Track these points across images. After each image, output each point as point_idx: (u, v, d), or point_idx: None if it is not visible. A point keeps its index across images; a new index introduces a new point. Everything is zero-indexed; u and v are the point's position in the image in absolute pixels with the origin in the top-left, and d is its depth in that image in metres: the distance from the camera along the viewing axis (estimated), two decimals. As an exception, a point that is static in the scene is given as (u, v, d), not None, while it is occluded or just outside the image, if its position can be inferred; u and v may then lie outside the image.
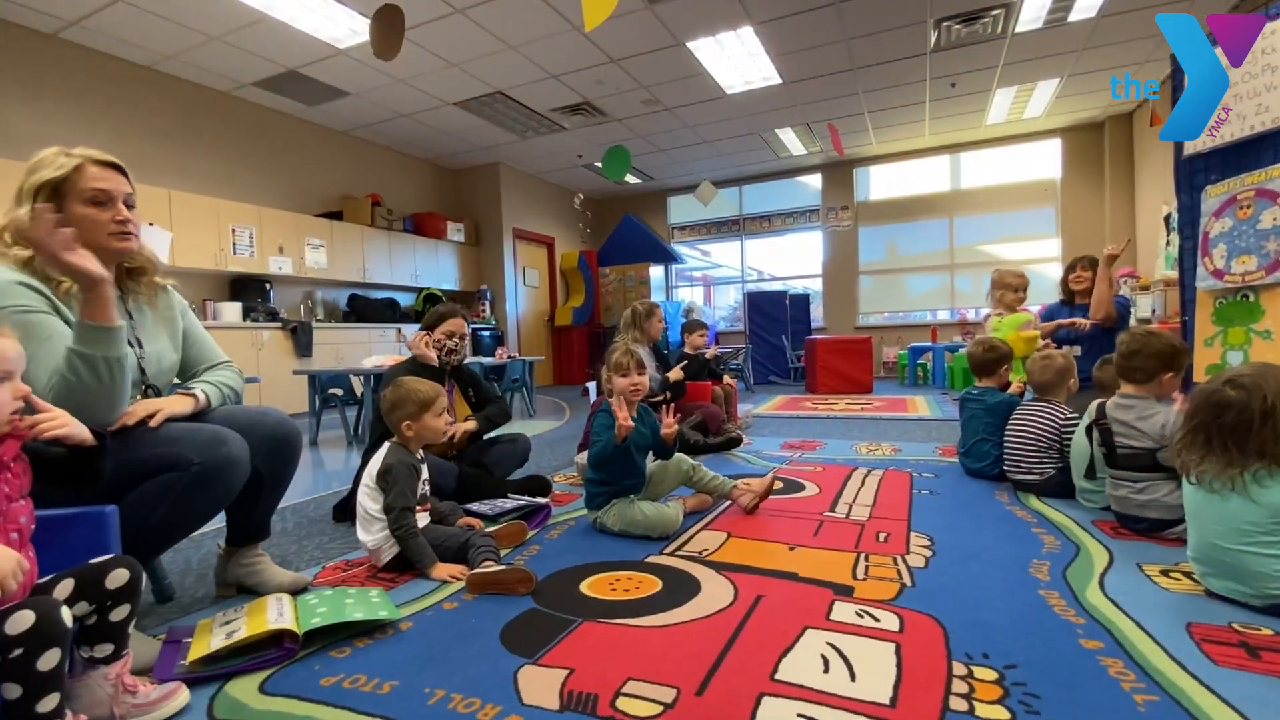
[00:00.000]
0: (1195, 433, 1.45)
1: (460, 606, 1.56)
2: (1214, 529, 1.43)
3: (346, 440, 4.46)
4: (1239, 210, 2.87)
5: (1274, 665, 1.17)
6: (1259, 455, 1.35)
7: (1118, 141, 7.63)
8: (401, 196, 7.81)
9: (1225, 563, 1.42)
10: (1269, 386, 1.36)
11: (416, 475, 1.87)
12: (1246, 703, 1.06)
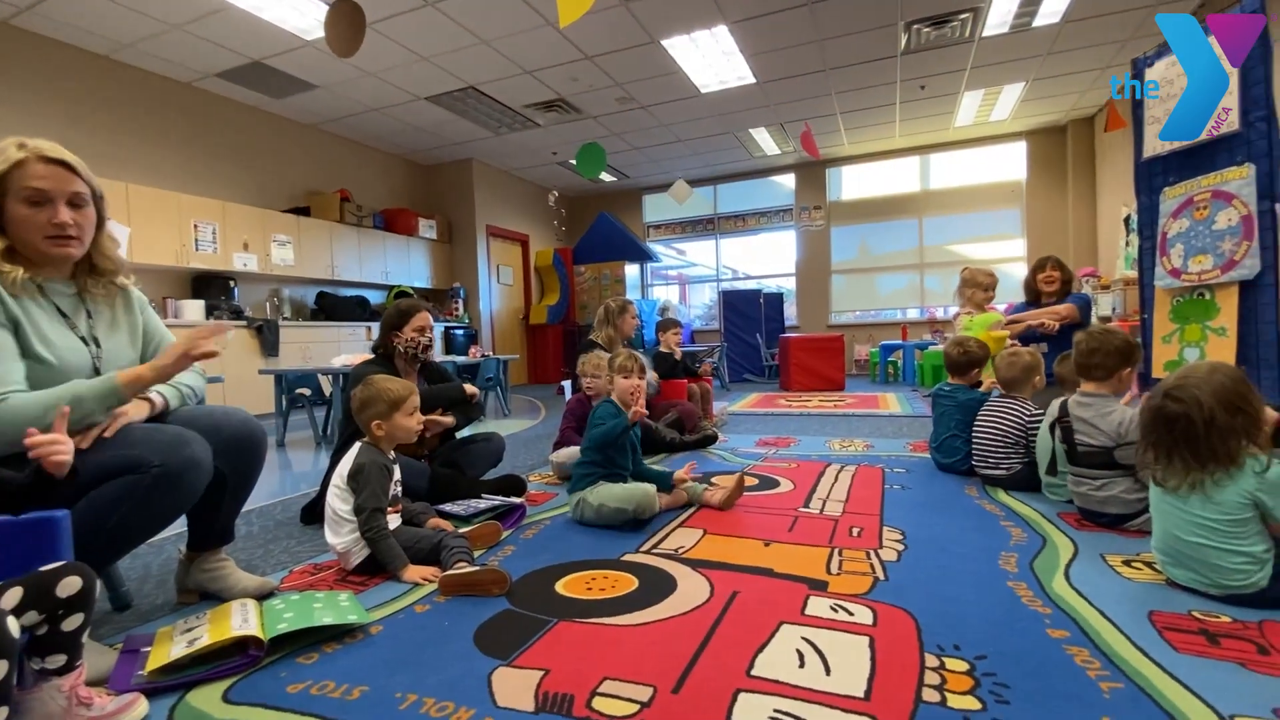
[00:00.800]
0: (1154, 448, 1.50)
1: (433, 609, 1.53)
2: (1177, 525, 1.48)
3: (315, 441, 4.36)
4: (1195, 211, 2.97)
5: (1232, 652, 1.21)
6: (1213, 458, 1.40)
7: (1080, 145, 7.86)
8: (371, 192, 7.67)
9: (1187, 555, 1.47)
10: (1203, 395, 1.40)
11: (389, 476, 1.83)
12: (1207, 688, 1.09)
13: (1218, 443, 1.39)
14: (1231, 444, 1.39)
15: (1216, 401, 1.39)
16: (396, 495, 1.89)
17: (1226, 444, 1.39)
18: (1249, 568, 1.37)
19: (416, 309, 2.50)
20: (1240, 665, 1.16)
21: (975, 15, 5.04)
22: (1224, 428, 1.39)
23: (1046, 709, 1.05)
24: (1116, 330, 2.11)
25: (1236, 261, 2.79)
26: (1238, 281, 2.81)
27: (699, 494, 2.38)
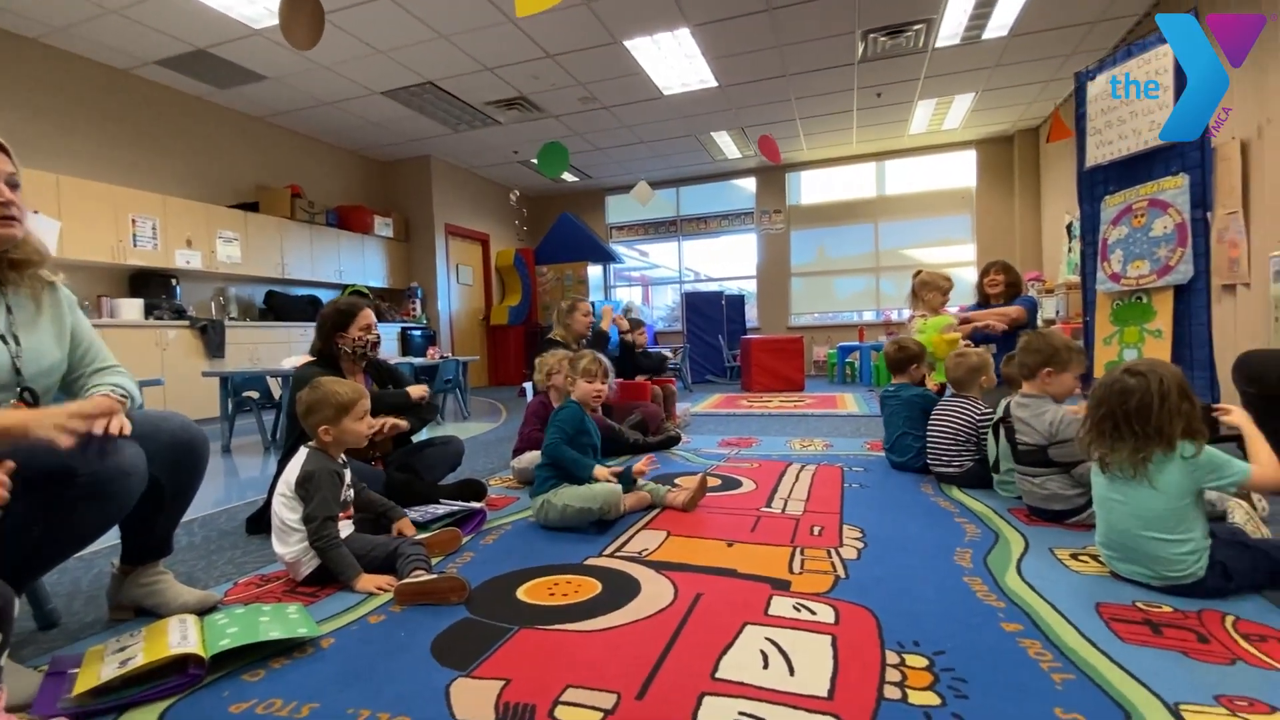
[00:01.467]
0: (1103, 421, 1.54)
1: (388, 619, 1.48)
2: (1121, 518, 1.53)
3: (263, 446, 4.18)
4: (1134, 219, 3.11)
5: (1175, 641, 1.26)
6: (1159, 436, 1.45)
7: (1026, 154, 8.18)
8: (324, 188, 7.43)
9: (1131, 548, 1.52)
10: (1162, 372, 1.47)
11: (340, 482, 1.76)
12: (1151, 676, 1.13)
13: (1164, 420, 1.44)
14: (1176, 425, 1.44)
15: (1172, 385, 1.46)
16: (348, 500, 1.82)
17: (1172, 424, 1.44)
18: (1188, 558, 1.43)
19: (358, 306, 2.41)
20: (1183, 654, 1.21)
21: (929, 26, 5.19)
22: (1173, 408, 1.44)
23: (1002, 701, 1.08)
24: (1049, 333, 2.19)
25: (1172, 267, 2.93)
26: (1173, 286, 2.96)
27: (662, 496, 2.37)
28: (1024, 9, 4.91)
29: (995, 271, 3.58)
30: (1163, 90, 2.94)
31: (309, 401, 1.78)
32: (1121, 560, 1.56)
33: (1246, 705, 1.03)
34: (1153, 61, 2.98)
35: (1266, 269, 3.57)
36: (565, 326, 3.74)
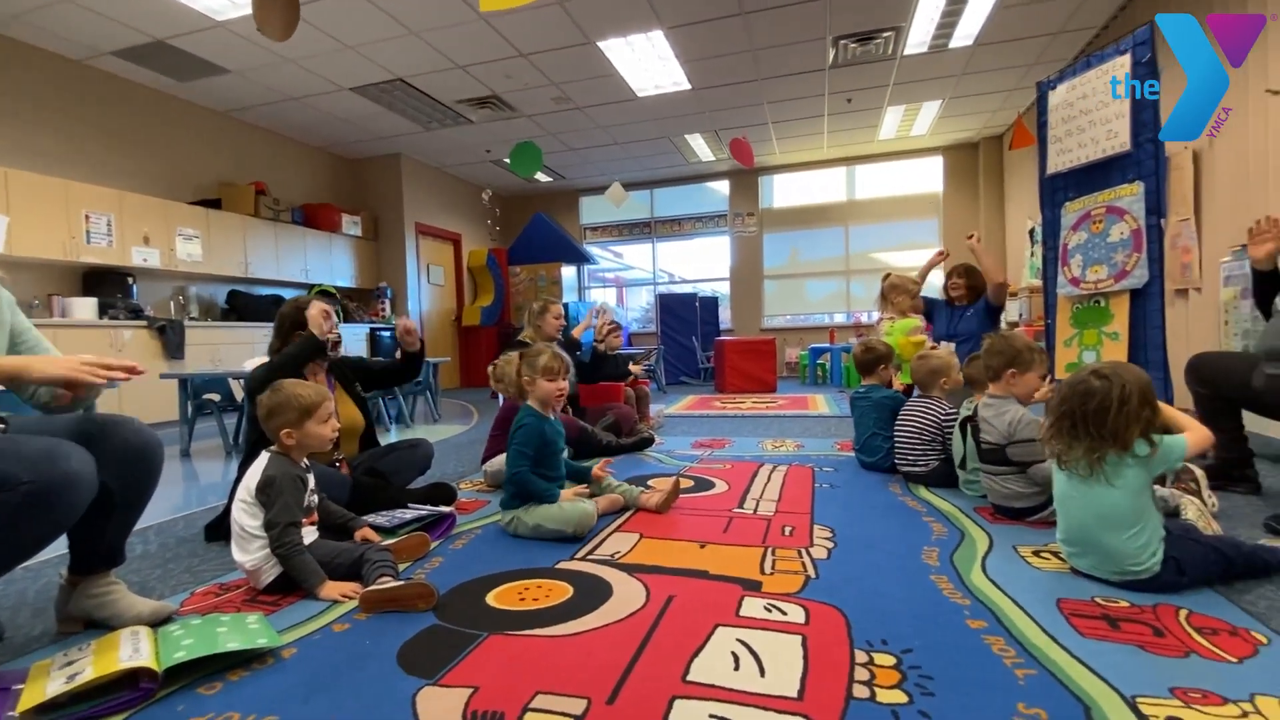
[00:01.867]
0: (1063, 419, 1.57)
1: (353, 628, 1.44)
2: (1080, 516, 1.58)
3: (225, 450, 4.06)
4: (1092, 225, 3.21)
5: (1131, 635, 1.30)
6: (1113, 438, 1.49)
7: (990, 161, 8.39)
8: (290, 185, 7.26)
9: (1090, 545, 1.56)
10: (1126, 377, 1.51)
11: (303, 487, 1.71)
12: (1111, 671, 1.16)
13: (1121, 425, 1.48)
14: (1133, 430, 1.48)
15: (1135, 391, 1.49)
16: (312, 505, 1.77)
17: (1129, 429, 1.48)
18: (1143, 554, 1.47)
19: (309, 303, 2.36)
20: (1139, 648, 1.24)
21: (897, 34, 5.29)
22: (1131, 413, 1.48)
23: (968, 698, 1.09)
24: (1012, 335, 2.25)
25: (1128, 272, 3.03)
26: (1129, 290, 3.05)
27: (635, 498, 2.37)
28: (988, 19, 5.04)
29: (958, 275, 3.76)
30: (1116, 100, 3.04)
31: (270, 405, 1.73)
32: (1081, 556, 1.60)
33: (1200, 697, 1.07)
34: (1111, 72, 3.08)
35: (1217, 274, 3.72)
36: (536, 328, 3.71)
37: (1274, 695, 1.06)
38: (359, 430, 2.45)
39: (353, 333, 7.11)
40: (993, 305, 3.64)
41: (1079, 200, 3.32)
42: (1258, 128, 3.50)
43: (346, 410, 2.41)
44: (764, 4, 4.74)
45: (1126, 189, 3.04)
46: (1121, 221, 3.05)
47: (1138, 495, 1.50)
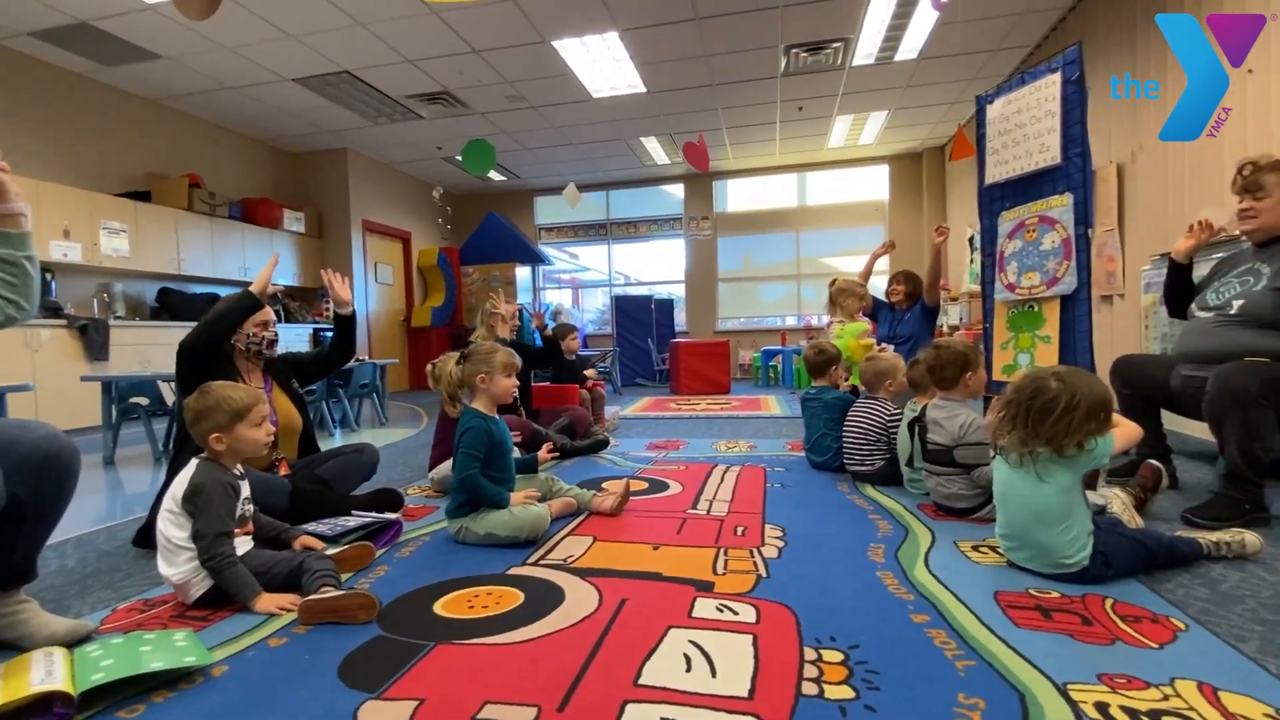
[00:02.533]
0: (1010, 406, 1.64)
1: (291, 641, 1.37)
2: (1017, 512, 1.65)
3: (153, 457, 3.84)
4: (1026, 234, 3.37)
5: (1062, 624, 1.36)
6: (1048, 440, 1.56)
7: (933, 171, 8.73)
8: (228, 179, 6.93)
9: (1025, 539, 1.64)
10: (1082, 389, 1.55)
11: (234, 495, 1.62)
12: (1043, 658, 1.21)
13: (1060, 431, 1.54)
14: (1070, 439, 1.55)
15: (1085, 403, 1.54)
16: (246, 515, 1.68)
17: (1068, 436, 1.54)
18: (1073, 547, 1.55)
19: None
20: (1069, 636, 1.30)
21: (846, 45, 5.44)
22: (1074, 423, 1.54)
23: (912, 691, 1.12)
24: (953, 341, 2.34)
25: (1059, 279, 3.19)
26: (1059, 296, 3.21)
27: (588, 501, 2.35)
28: (931, 34, 5.23)
29: (898, 281, 3.94)
30: (1047, 115, 3.21)
31: (197, 409, 1.63)
32: (1017, 550, 1.67)
33: (1125, 682, 1.12)
34: (1043, 89, 3.25)
35: (1138, 281, 3.96)
36: (489, 328, 3.66)
37: (1192, 679, 1.13)
38: (297, 429, 2.35)
39: (295, 333, 6.84)
40: (929, 307, 3.80)
41: (1014, 210, 3.47)
42: (1176, 145, 3.74)
43: (284, 408, 2.31)
44: (718, 10, 4.80)
45: (1057, 200, 3.20)
46: (1053, 231, 3.21)
47: (1067, 493, 1.57)
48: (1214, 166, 3.38)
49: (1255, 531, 1.77)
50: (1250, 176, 2.16)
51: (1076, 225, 3.12)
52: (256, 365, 2.31)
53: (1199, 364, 2.22)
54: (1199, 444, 3.14)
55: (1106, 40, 4.47)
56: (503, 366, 2.18)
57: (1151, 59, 3.95)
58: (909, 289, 3.88)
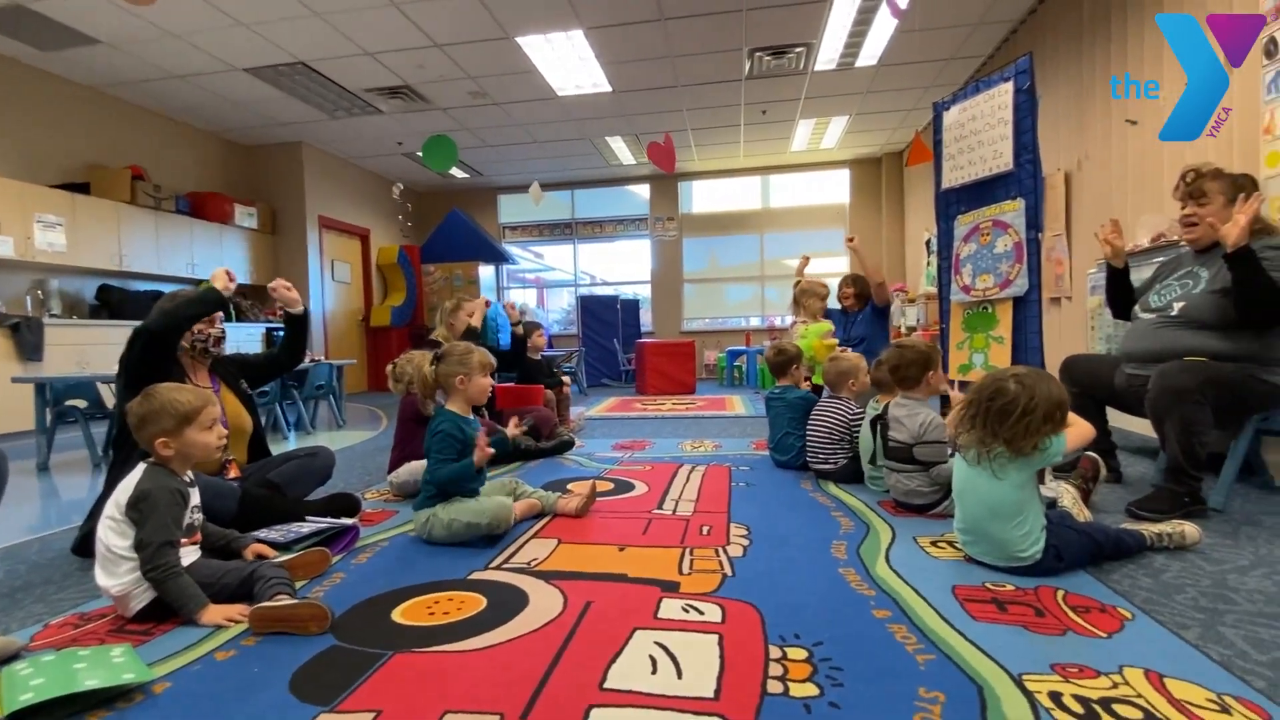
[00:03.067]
0: (970, 407, 1.68)
1: (240, 654, 1.31)
2: (973, 508, 1.69)
3: (92, 463, 3.65)
4: (981, 237, 3.47)
5: (1017, 616, 1.40)
6: (1006, 441, 1.61)
7: (892, 175, 8.94)
8: (175, 172, 6.64)
9: (981, 534, 1.68)
10: (1040, 392, 1.60)
11: (183, 503, 1.55)
12: (999, 650, 1.24)
13: (1019, 432, 1.59)
14: (1028, 441, 1.59)
15: (1043, 405, 1.58)
16: (194, 524, 1.61)
17: (1026, 438, 1.59)
18: (1026, 540, 1.60)
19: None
20: (1024, 628, 1.34)
21: (809, 50, 5.53)
22: (1031, 426, 1.58)
23: (874, 686, 1.13)
24: (914, 342, 2.40)
25: (1011, 281, 3.30)
26: (1012, 298, 3.32)
27: (553, 503, 2.32)
28: (890, 41, 5.35)
29: (847, 285, 4.03)
30: (1000, 123, 3.31)
31: (142, 413, 1.55)
32: (974, 545, 1.71)
33: (1077, 671, 1.16)
34: (996, 97, 3.35)
35: (1085, 284, 4.12)
36: (449, 326, 3.59)
37: (1139, 667, 1.17)
38: (247, 431, 2.26)
39: (247, 333, 6.59)
40: (878, 307, 3.88)
41: (969, 214, 3.58)
42: (1119, 153, 3.91)
43: (233, 409, 2.22)
44: (683, 11, 4.82)
45: (1010, 205, 3.31)
46: (1006, 234, 3.32)
47: (1021, 489, 1.62)
48: (1154, 175, 3.54)
49: (1194, 522, 1.86)
50: (1193, 184, 2.26)
51: (1028, 229, 3.23)
52: (202, 364, 2.22)
53: (1141, 363, 2.32)
54: (1141, 440, 3.28)
55: (1055, 52, 4.65)
56: (480, 366, 2.17)
57: (1097, 71, 4.12)
58: (858, 290, 3.98)
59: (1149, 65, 3.55)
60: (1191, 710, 1.03)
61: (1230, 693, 1.08)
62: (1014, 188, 3.31)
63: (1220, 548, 1.80)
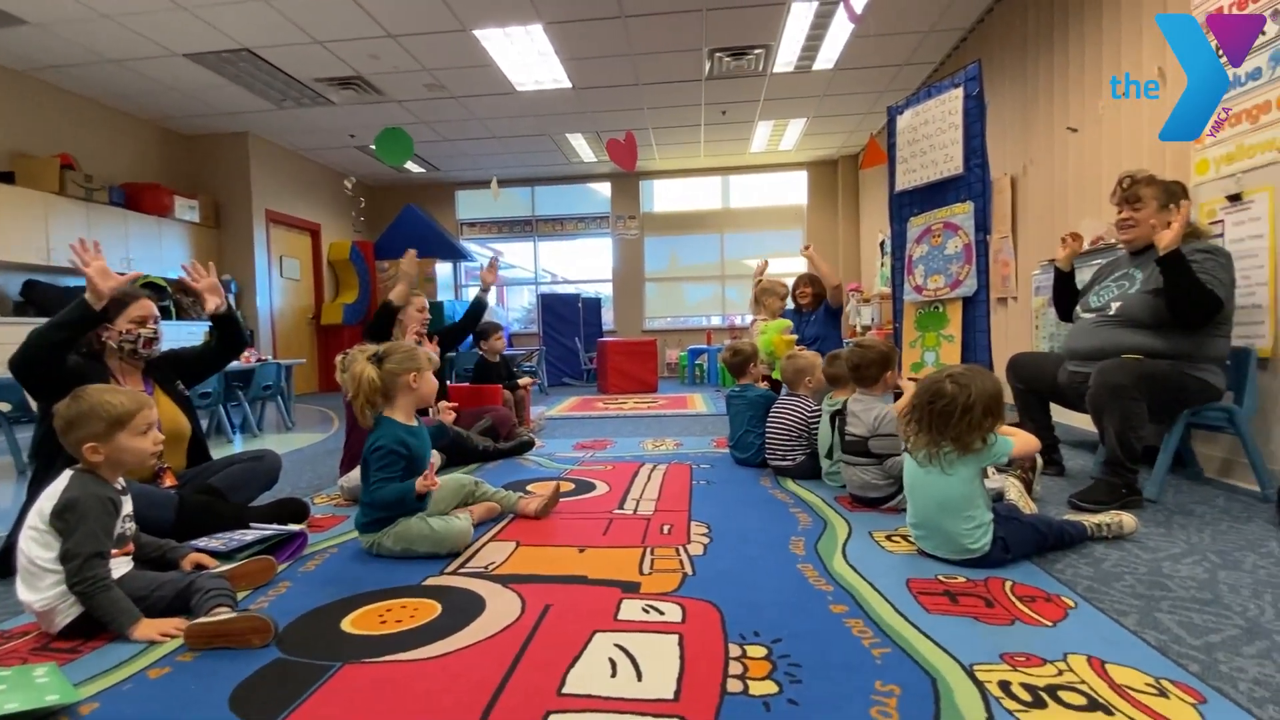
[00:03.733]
0: (914, 411, 1.74)
1: (175, 671, 1.24)
2: (925, 502, 1.74)
3: (16, 469, 3.42)
4: (932, 239, 3.57)
5: (968, 608, 1.43)
6: (953, 440, 1.66)
7: (848, 178, 9.13)
8: (108, 161, 6.29)
9: (933, 528, 1.72)
10: (975, 388, 1.65)
11: (114, 512, 1.45)
12: (951, 641, 1.27)
13: (963, 430, 1.65)
14: (973, 436, 1.65)
15: (980, 400, 1.64)
16: (126, 534, 1.52)
17: (971, 433, 1.65)
18: (975, 533, 1.65)
19: (134, 296, 2.06)
20: (975, 619, 1.37)
21: (767, 52, 5.59)
22: (973, 422, 1.64)
23: (831, 681, 1.14)
24: (873, 342, 2.45)
25: (961, 281, 3.40)
26: (962, 298, 3.43)
27: (513, 504, 2.28)
28: (846, 45, 5.46)
29: (804, 284, 4.08)
30: (951, 128, 3.41)
31: (69, 416, 1.45)
32: (926, 539, 1.75)
33: (1024, 660, 1.19)
34: (947, 103, 3.45)
35: (1029, 285, 4.28)
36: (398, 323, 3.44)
37: (1082, 653, 1.21)
38: (185, 435, 2.15)
39: (189, 331, 6.29)
40: (832, 309, 3.96)
41: (922, 216, 3.68)
42: (1061, 159, 4.07)
43: (168, 413, 2.11)
44: (644, 9, 4.80)
45: (960, 207, 3.41)
46: (956, 236, 3.42)
47: (969, 483, 1.67)
48: (1093, 181, 3.70)
49: (1131, 513, 1.95)
50: (1129, 189, 2.38)
51: (977, 231, 3.34)
52: (135, 367, 2.09)
53: (1082, 361, 2.42)
54: (1082, 434, 3.43)
55: (1001, 61, 4.81)
56: (429, 362, 2.05)
57: (1040, 80, 4.28)
58: (815, 290, 4.04)
59: (1089, 75, 3.71)
60: (1131, 695, 1.07)
61: (1167, 676, 1.13)
62: (964, 191, 3.41)
63: (1155, 537, 1.89)
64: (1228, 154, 2.50)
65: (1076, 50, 3.84)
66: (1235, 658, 1.19)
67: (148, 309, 2.09)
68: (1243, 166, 2.46)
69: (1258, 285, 2.41)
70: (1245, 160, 2.46)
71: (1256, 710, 1.02)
